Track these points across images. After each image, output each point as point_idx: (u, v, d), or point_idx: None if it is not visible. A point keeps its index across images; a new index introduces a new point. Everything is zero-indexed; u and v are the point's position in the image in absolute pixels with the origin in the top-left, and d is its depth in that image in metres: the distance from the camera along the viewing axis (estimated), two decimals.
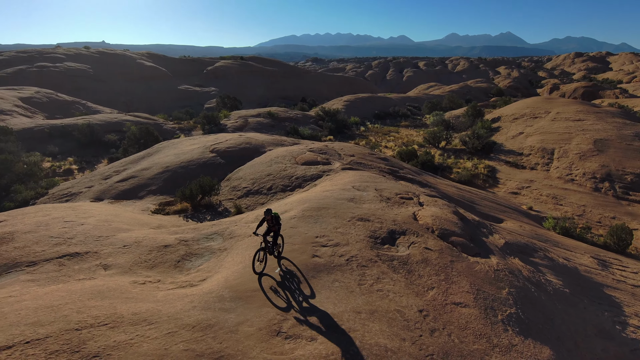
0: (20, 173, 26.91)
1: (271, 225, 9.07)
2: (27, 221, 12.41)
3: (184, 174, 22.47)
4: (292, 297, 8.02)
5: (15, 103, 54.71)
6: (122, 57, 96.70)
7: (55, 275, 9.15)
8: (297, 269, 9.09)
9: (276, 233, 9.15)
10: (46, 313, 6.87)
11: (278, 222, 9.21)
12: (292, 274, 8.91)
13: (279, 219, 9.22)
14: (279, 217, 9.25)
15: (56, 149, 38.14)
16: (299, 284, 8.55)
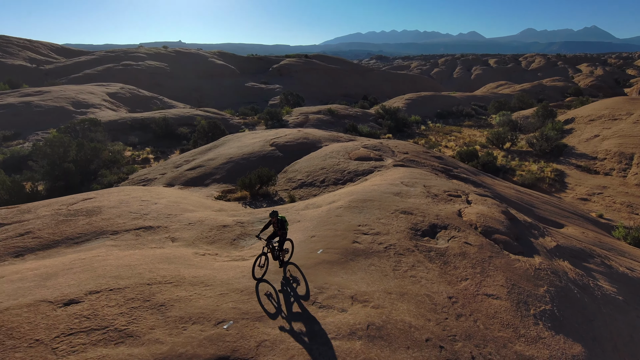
0: (106, 160, 30.41)
1: (277, 229, 8.62)
2: (111, 199, 14.45)
3: (245, 165, 24.16)
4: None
5: (103, 98, 61.02)
6: (196, 56, 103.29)
7: (133, 242, 10.80)
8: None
9: (282, 238, 8.67)
10: (125, 270, 8.33)
11: (284, 227, 8.68)
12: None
13: (285, 224, 8.71)
14: (285, 221, 8.77)
15: (136, 140, 42.23)
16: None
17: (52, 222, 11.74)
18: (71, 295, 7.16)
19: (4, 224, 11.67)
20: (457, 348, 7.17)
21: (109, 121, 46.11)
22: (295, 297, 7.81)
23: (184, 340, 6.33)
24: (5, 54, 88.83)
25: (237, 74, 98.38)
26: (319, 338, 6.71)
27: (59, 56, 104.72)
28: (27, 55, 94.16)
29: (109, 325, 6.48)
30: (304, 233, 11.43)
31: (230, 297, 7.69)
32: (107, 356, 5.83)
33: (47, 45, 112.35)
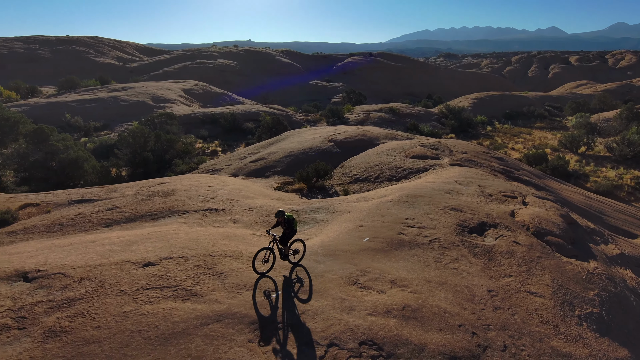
0: (179, 150, 33.18)
1: (285, 229, 8.52)
2: (183, 184, 16.12)
3: (304, 159, 25.26)
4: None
5: (179, 94, 65.85)
6: (263, 54, 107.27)
7: (200, 221, 12.16)
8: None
9: (288, 235, 8.50)
10: (193, 243, 9.56)
11: (291, 226, 8.50)
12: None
13: (292, 223, 8.53)
14: (293, 220, 8.58)
15: (206, 133, 45.31)
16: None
17: (134, 201, 13.51)
18: (149, 259, 8.47)
19: (97, 200, 13.65)
20: (490, 336, 7.44)
21: (183, 115, 49.87)
22: (292, 298, 8.29)
23: (239, 302, 7.30)
24: (98, 54, 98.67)
25: (302, 71, 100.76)
26: (356, 312, 7.36)
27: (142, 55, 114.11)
28: (115, 54, 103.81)
29: (178, 285, 7.64)
30: (352, 223, 12.08)
31: (281, 271, 8.58)
32: (176, 309, 6.95)
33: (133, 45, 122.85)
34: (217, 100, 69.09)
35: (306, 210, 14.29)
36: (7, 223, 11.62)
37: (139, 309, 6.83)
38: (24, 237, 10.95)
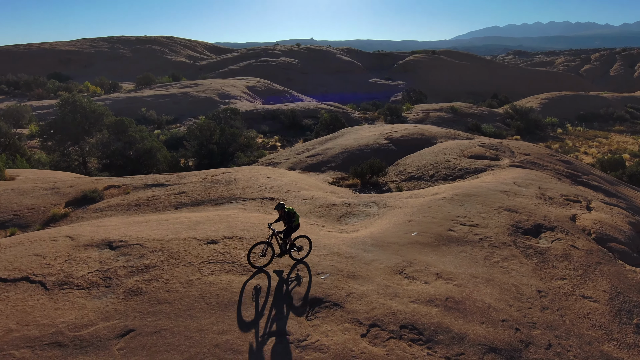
0: (241, 144, 34.96)
1: (285, 223, 8.38)
2: (244, 174, 17.23)
3: (359, 156, 25.63)
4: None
5: (243, 90, 68.79)
6: (324, 53, 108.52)
7: (258, 208, 13.05)
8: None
9: (289, 231, 8.37)
10: (251, 226, 10.39)
11: (291, 220, 8.34)
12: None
13: (292, 217, 8.37)
14: (293, 214, 8.42)
15: (267, 128, 47.11)
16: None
17: (200, 187, 14.76)
18: (212, 237, 9.39)
19: (168, 185, 15.08)
20: (535, 334, 7.43)
21: (245, 111, 52.18)
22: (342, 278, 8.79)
23: None
24: (171, 52, 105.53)
25: (362, 69, 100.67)
26: (399, 299, 7.70)
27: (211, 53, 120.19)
28: (187, 53, 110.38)
29: (237, 261, 8.45)
30: (402, 217, 12.32)
31: (329, 257, 9.12)
32: (234, 281, 7.73)
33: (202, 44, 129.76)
34: (278, 97, 71.26)
35: (358, 203, 14.71)
36: (94, 201, 13.30)
37: (203, 279, 7.70)
38: (108, 213, 12.49)
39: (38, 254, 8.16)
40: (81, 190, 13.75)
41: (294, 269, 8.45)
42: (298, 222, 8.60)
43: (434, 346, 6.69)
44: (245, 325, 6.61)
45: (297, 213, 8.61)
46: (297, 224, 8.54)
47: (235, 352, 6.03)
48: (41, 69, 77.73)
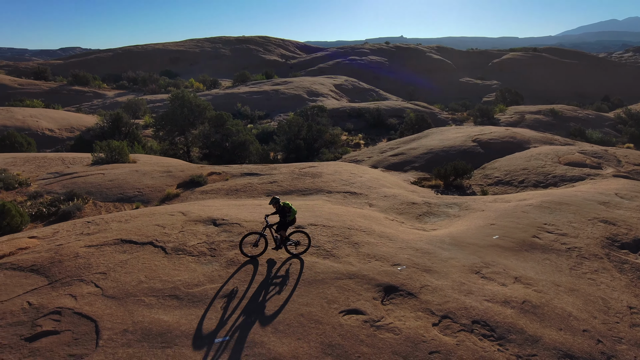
0: (326, 141, 36.24)
1: (280, 217, 8.49)
2: (329, 169, 18.18)
3: (443, 157, 25.25)
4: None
5: (330, 88, 70.52)
6: (414, 51, 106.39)
7: (341, 201, 13.85)
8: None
9: (283, 224, 8.50)
10: (334, 216, 11.20)
11: (284, 215, 8.42)
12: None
13: (285, 212, 8.43)
14: (289, 209, 8.49)
15: (351, 126, 47.99)
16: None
17: (289, 178, 16.01)
18: (299, 222, 10.37)
19: (261, 174, 16.59)
20: (619, 348, 7.16)
21: (332, 109, 53.61)
22: (418, 270, 9.03)
23: (368, 267, 8.57)
24: (266, 51, 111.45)
25: (453, 68, 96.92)
26: (473, 296, 7.91)
27: (301, 52, 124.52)
28: (279, 52, 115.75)
29: (320, 246, 9.30)
30: (484, 220, 12.23)
31: (406, 251, 9.57)
32: (317, 263, 8.57)
33: (294, 43, 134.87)
34: (364, 95, 71.78)
35: (439, 204, 14.79)
36: (200, 184, 15.20)
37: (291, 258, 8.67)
38: (211, 195, 14.23)
39: (159, 225, 9.81)
40: (190, 175, 15.80)
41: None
42: (294, 217, 8.60)
43: (505, 344, 6.86)
44: (327, 301, 7.40)
45: (294, 209, 8.62)
46: (292, 218, 8.56)
47: (317, 323, 6.84)
48: (155, 67, 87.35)
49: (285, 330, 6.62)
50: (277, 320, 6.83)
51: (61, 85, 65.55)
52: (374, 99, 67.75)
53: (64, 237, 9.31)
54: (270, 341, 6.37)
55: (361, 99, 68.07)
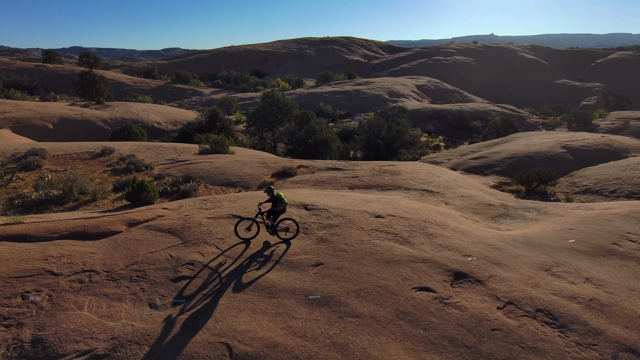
0: (406, 141, 36.79)
1: (272, 205, 9.42)
2: (407, 168, 19.11)
3: (527, 162, 24.68)
4: None
5: (411, 89, 70.14)
6: (504, 50, 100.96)
7: (417, 197, 14.81)
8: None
9: (275, 212, 9.41)
10: (411, 210, 12.25)
11: (276, 203, 9.37)
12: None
13: (276, 202, 9.37)
14: (280, 200, 9.41)
15: (432, 128, 47.74)
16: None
17: (369, 174, 17.28)
18: (379, 212, 11.61)
19: (344, 170, 18.09)
20: None
21: (412, 109, 53.62)
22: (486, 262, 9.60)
23: (440, 255, 9.55)
24: (349, 51, 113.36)
25: (548, 69, 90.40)
26: (540, 289, 8.54)
27: (384, 52, 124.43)
28: (362, 52, 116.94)
29: (397, 234, 10.46)
30: (562, 225, 12.42)
31: (478, 245, 10.34)
32: (394, 247, 9.76)
33: (377, 43, 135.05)
34: (447, 96, 70.31)
35: (517, 207, 15.04)
36: (291, 175, 17.12)
37: (371, 241, 9.96)
38: (300, 185, 16.03)
39: None
40: (282, 167, 17.82)
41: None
42: (284, 207, 9.56)
43: (566, 332, 7.48)
44: (402, 278, 8.57)
45: (285, 199, 9.61)
46: (282, 208, 9.51)
47: (393, 294, 8.06)
48: (246, 67, 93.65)
49: (366, 297, 7.94)
50: (359, 287, 8.17)
51: (166, 83, 73.48)
52: (457, 100, 66.14)
53: (187, 210, 11.58)
54: (354, 303, 7.73)
55: (444, 101, 66.82)
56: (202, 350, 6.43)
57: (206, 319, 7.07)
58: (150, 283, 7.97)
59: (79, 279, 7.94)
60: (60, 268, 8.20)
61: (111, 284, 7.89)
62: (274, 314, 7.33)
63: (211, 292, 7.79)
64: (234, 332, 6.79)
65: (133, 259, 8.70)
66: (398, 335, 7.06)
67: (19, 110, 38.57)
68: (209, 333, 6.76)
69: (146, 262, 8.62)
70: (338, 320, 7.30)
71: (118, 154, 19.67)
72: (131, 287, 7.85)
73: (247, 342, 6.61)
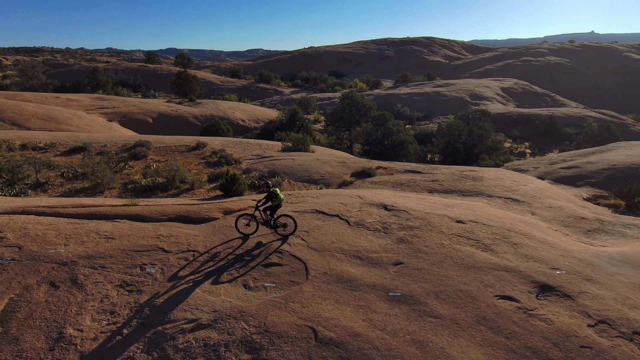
0: (487, 146, 35.23)
1: (269, 200, 9.78)
2: (490, 174, 18.46)
3: (629, 175, 22.46)
4: None
5: (496, 92, 66.59)
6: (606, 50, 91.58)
7: (501, 205, 14.32)
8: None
9: (271, 207, 9.84)
10: (494, 217, 11.96)
11: (270, 198, 9.78)
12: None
13: (272, 197, 9.76)
14: (276, 195, 9.77)
15: (517, 133, 45.05)
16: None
17: (449, 179, 17.02)
18: (460, 218, 11.52)
19: (423, 173, 18.00)
20: None
21: (496, 113, 50.99)
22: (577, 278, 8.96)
23: (525, 265, 9.29)
24: (429, 52, 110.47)
25: None
26: (638, 310, 7.96)
27: (467, 53, 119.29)
28: (443, 52, 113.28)
29: (479, 240, 10.32)
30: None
31: (568, 259, 9.86)
32: (476, 254, 9.67)
33: (460, 43, 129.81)
34: (536, 100, 65.74)
35: (614, 223, 13.91)
36: (369, 175, 17.48)
37: (451, 245, 9.98)
38: (379, 186, 16.32)
39: (342, 203, 12.20)
40: (361, 167, 18.25)
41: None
42: (279, 203, 9.91)
43: None
44: (483, 285, 8.53)
45: (281, 195, 9.96)
46: (277, 203, 9.87)
47: (473, 299, 8.07)
48: (325, 67, 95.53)
49: (446, 299, 8.05)
50: (439, 289, 8.29)
51: (250, 82, 77.62)
52: (548, 104, 61.55)
53: None
54: (433, 303, 7.89)
55: (532, 104, 62.57)
56: (290, 330, 7.05)
57: (294, 303, 7.70)
58: (245, 266, 8.83)
59: (185, 257, 9.04)
60: (169, 246, 9.39)
61: (211, 264, 8.87)
62: (356, 306, 7.75)
63: (297, 280, 8.43)
64: (319, 318, 7.33)
65: (229, 243, 9.66)
66: (478, 340, 7.10)
67: (126, 106, 43.46)
68: (297, 316, 7.38)
69: (240, 247, 9.53)
70: (417, 318, 7.52)
71: (210, 148, 21.48)
72: (228, 268, 8.77)
73: (331, 329, 7.11)
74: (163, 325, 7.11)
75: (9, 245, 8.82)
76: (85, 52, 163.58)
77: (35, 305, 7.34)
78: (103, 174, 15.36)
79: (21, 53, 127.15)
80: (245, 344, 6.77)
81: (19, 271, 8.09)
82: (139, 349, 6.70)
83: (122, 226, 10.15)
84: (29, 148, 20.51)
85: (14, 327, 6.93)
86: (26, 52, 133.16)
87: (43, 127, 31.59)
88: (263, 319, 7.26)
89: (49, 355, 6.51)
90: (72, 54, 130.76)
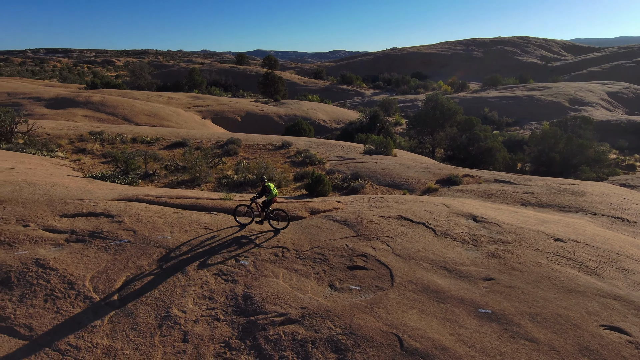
0: (588, 157, 31.94)
1: (265, 194, 10.12)
2: (594, 189, 16.76)
3: None
4: None
5: (601, 97, 60.08)
6: None
7: (607, 225, 12.96)
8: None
9: (266, 201, 10.21)
10: (599, 238, 10.86)
11: (265, 193, 10.09)
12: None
13: (265, 191, 10.06)
14: (269, 190, 10.07)
15: (625, 144, 40.26)
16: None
17: (546, 192, 15.77)
18: (559, 235, 10.64)
19: (515, 184, 16.91)
20: None
21: (601, 121, 46.04)
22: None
23: (638, 295, 8.32)
24: (523, 53, 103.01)
25: None
26: None
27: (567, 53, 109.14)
28: (539, 53, 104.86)
29: (582, 262, 9.45)
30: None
31: None
32: (578, 277, 8.87)
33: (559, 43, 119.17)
34: None
35: None
36: (456, 183, 16.85)
37: (549, 265, 9.27)
38: (466, 195, 15.67)
39: (427, 211, 11.93)
40: (447, 174, 17.66)
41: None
42: (272, 197, 10.25)
43: None
44: (587, 312, 7.81)
45: (275, 190, 10.32)
46: (270, 198, 10.23)
47: (575, 326, 7.43)
48: (408, 69, 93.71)
49: (542, 322, 7.52)
50: (534, 311, 7.77)
51: (332, 83, 78.79)
52: None
53: (359, 205, 12.57)
54: (528, 325, 7.42)
55: None
56: (375, 335, 7.11)
57: (379, 309, 7.74)
58: (330, 266, 9.06)
59: (275, 253, 9.52)
60: (260, 241, 9.95)
61: (299, 261, 9.23)
62: (442, 319, 7.56)
63: (382, 285, 8.45)
64: (404, 327, 7.28)
65: (315, 242, 9.97)
66: None
67: (218, 105, 46.64)
68: (382, 322, 7.40)
69: (326, 247, 9.79)
70: (510, 339, 7.13)
71: (295, 148, 22.26)
72: (315, 267, 9.06)
73: (417, 339, 7.03)
74: (255, 315, 7.58)
75: (126, 229, 9.99)
76: (184, 54, 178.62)
77: (147, 285, 8.25)
78: (201, 169, 16.70)
79: (131, 55, 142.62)
80: (331, 344, 6.97)
81: (134, 252, 9.14)
82: (233, 335, 7.22)
83: (219, 219, 10.97)
84: (138, 142, 22.97)
85: (130, 303, 7.86)
86: (135, 54, 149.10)
87: (148, 122, 35.17)
88: (349, 321, 7.40)
89: (157, 331, 7.27)
90: (172, 56, 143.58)
